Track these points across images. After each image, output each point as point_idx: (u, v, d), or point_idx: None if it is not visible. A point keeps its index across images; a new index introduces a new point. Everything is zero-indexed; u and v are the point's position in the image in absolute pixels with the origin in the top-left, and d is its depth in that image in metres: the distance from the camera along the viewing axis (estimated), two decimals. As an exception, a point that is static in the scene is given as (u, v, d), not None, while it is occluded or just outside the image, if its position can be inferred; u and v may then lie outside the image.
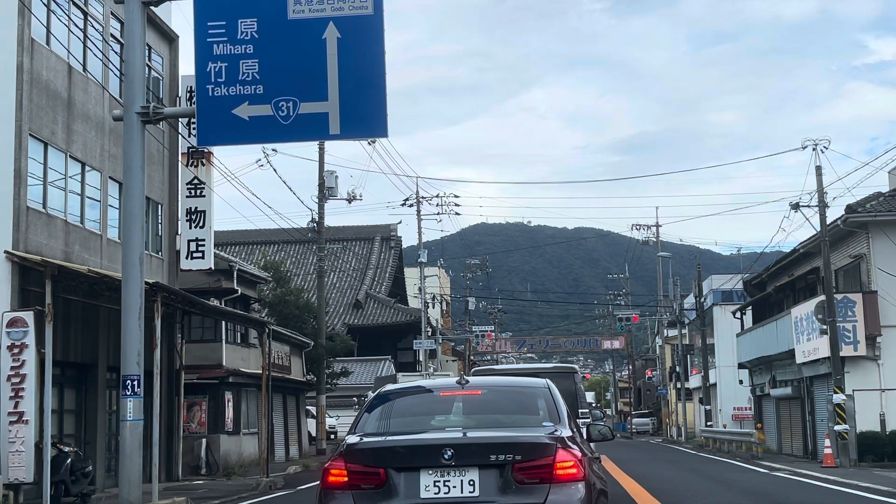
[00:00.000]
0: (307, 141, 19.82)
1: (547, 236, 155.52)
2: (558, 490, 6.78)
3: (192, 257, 24.64)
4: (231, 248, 50.98)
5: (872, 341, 28.98)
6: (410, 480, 6.87)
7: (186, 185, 25.03)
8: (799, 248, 34.38)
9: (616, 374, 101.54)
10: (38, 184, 19.15)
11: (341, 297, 52.99)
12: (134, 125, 12.85)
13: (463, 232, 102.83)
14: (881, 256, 29.08)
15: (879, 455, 27.03)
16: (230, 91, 12.58)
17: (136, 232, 12.88)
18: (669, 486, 20.32)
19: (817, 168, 29.60)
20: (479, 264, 74.14)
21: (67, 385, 20.69)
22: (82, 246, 20.80)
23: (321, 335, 36.54)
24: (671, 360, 64.36)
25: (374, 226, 58.91)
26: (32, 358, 16.81)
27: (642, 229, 63.47)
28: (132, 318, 12.40)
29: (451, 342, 69.87)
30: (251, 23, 12.65)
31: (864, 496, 18.21)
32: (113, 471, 21.03)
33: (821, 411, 31.60)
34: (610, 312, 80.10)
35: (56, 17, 19.87)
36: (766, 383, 39.74)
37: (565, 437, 7.10)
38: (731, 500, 17.67)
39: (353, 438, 7.39)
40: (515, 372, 21.83)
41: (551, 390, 8.11)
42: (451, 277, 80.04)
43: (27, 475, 16.60)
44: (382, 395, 8.33)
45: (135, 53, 13.11)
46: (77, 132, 20.69)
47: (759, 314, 41.59)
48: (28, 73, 18.70)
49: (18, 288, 18.04)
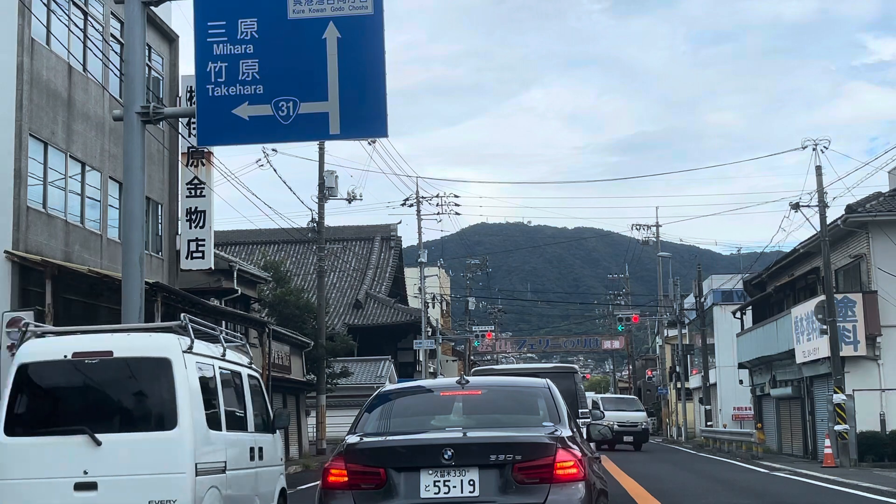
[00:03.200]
0: (307, 141, 19.82)
1: (547, 236, 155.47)
2: (558, 490, 6.79)
3: (192, 257, 24.65)
4: (231, 248, 50.94)
5: (872, 341, 28.98)
6: (410, 480, 6.88)
7: (186, 185, 25.03)
8: (799, 248, 34.38)
9: (616, 374, 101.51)
10: (38, 184, 19.16)
11: (341, 297, 52.98)
12: (134, 125, 12.85)
13: (463, 232, 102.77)
14: (881, 256, 29.07)
15: (879, 455, 27.02)
16: (230, 91, 12.57)
17: (136, 232, 12.88)
18: (669, 486, 20.32)
19: (817, 168, 29.61)
20: (479, 264, 74.13)
21: (67, 385, 20.67)
22: (82, 246, 20.80)
23: (321, 335, 36.52)
24: (671, 360, 64.35)
25: (374, 226, 58.88)
26: (32, 358, 16.77)
27: (642, 229, 63.44)
28: (132, 318, 12.39)
29: (451, 342, 69.86)
30: (251, 23, 12.65)
31: (864, 496, 18.21)
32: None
33: (821, 411, 31.60)
34: (610, 312, 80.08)
35: (56, 17, 19.87)
36: (766, 383, 39.74)
37: (565, 437, 7.11)
38: (731, 500, 17.67)
39: (353, 438, 7.39)
40: (515, 372, 21.79)
41: (551, 390, 8.12)
42: (451, 277, 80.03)
43: (27, 475, 16.56)
44: (382, 395, 8.33)
45: (135, 53, 13.11)
46: (77, 132, 20.70)
47: (759, 314, 41.59)
48: (28, 73, 18.71)
49: (18, 288, 18.05)
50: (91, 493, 8.70)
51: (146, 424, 9.02)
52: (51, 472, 8.81)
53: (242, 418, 10.67)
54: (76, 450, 8.80)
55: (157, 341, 9.37)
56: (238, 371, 10.89)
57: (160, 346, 9.24)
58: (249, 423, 10.82)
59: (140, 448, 8.84)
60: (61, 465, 8.81)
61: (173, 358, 9.08)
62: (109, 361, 9.11)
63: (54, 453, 8.87)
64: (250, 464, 10.45)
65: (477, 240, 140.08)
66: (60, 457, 8.84)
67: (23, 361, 9.24)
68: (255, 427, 10.95)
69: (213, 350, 10.33)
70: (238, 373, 10.88)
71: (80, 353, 9.16)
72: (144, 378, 9.16)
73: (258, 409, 11.28)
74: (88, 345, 9.33)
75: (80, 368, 9.20)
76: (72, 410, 9.31)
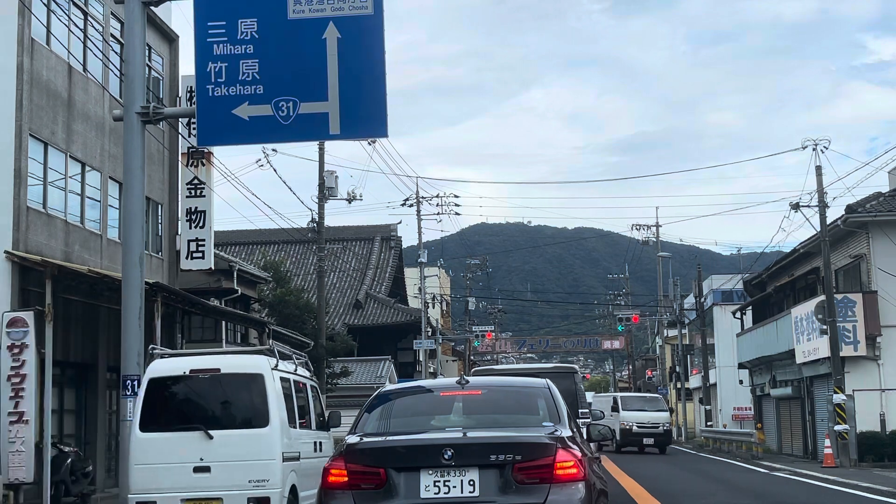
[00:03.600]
0: (307, 141, 19.84)
1: (547, 236, 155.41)
2: (558, 490, 6.79)
3: (192, 257, 24.63)
4: (231, 248, 50.92)
5: (872, 341, 28.99)
6: (410, 480, 6.88)
7: (186, 185, 25.01)
8: (799, 248, 34.39)
9: (616, 374, 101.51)
10: (38, 184, 19.16)
11: (341, 297, 52.96)
12: (134, 125, 12.85)
13: (463, 232, 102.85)
14: (881, 256, 29.08)
15: (879, 455, 27.03)
16: (230, 91, 12.58)
17: (136, 232, 12.88)
18: (669, 486, 20.33)
19: (817, 168, 29.62)
20: (479, 264, 74.12)
21: (67, 385, 20.69)
22: (82, 246, 20.80)
23: (321, 335, 36.51)
24: (671, 360, 64.36)
25: (374, 226, 58.85)
26: (32, 358, 16.80)
27: (642, 229, 63.45)
28: (132, 318, 12.40)
29: (451, 342, 69.86)
30: (251, 23, 12.65)
31: (864, 496, 18.22)
32: (113, 471, 21.01)
33: (821, 411, 31.61)
34: (610, 312, 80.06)
35: (56, 17, 19.86)
36: (766, 383, 39.74)
37: (565, 437, 7.11)
38: (730, 500, 17.67)
39: (353, 438, 7.40)
40: (515, 372, 21.81)
41: (551, 390, 8.12)
42: (451, 277, 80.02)
43: (27, 475, 16.59)
44: (382, 395, 8.33)
45: (135, 53, 13.11)
46: (77, 132, 20.70)
47: (759, 314, 41.60)
48: (28, 73, 18.70)
49: (18, 288, 18.04)
50: (206, 475, 11.62)
51: (245, 423, 11.90)
52: (175, 459, 11.68)
53: (308, 419, 13.57)
54: (194, 442, 11.72)
55: (253, 361, 12.39)
56: (304, 382, 13.86)
57: (255, 365, 12.22)
58: (312, 423, 13.74)
59: (241, 441, 11.66)
60: (183, 453, 11.68)
61: (265, 374, 12.03)
62: (218, 376, 12.16)
63: (177, 445, 11.75)
64: (314, 455, 13.10)
65: (477, 240, 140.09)
66: (182, 447, 11.72)
67: (152, 376, 12.11)
68: (316, 426, 13.86)
69: (289, 367, 13.21)
70: (304, 383, 13.83)
71: (195, 369, 12.22)
72: (244, 389, 12.10)
73: (318, 411, 14.28)
74: (201, 364, 12.39)
75: (195, 381, 12.26)
76: (190, 413, 12.24)
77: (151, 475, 11.65)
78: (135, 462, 11.74)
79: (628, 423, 39.52)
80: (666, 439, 40.13)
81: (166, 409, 12.23)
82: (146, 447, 11.71)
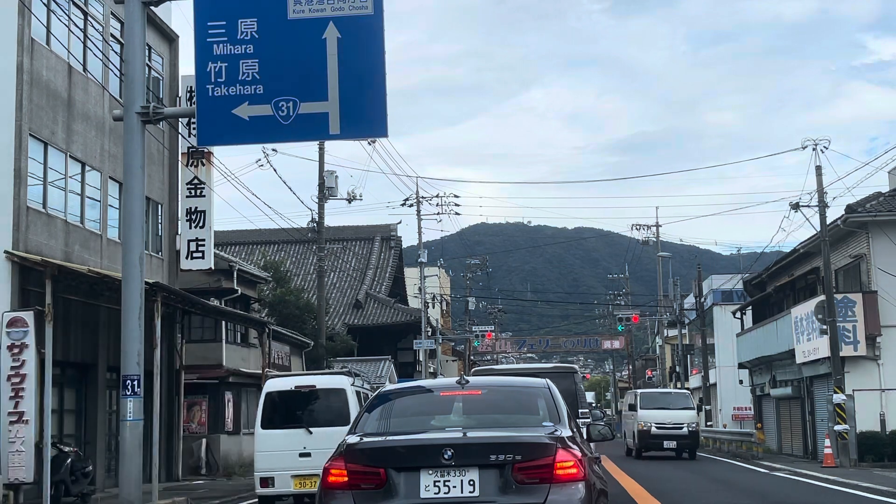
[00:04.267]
0: (307, 141, 19.81)
1: (547, 236, 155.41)
2: (558, 490, 6.78)
3: (192, 257, 24.64)
4: (231, 248, 50.90)
5: (872, 341, 28.98)
6: (410, 480, 6.87)
7: (186, 185, 25.03)
8: (799, 248, 34.37)
9: (616, 374, 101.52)
10: (38, 184, 19.15)
11: (341, 297, 52.93)
12: (134, 125, 12.84)
13: (463, 232, 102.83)
14: (881, 256, 29.07)
15: (879, 455, 27.03)
16: (230, 91, 12.56)
17: (136, 232, 12.87)
18: (669, 486, 20.33)
19: (817, 168, 29.61)
20: (479, 264, 74.10)
21: (67, 385, 20.69)
22: (82, 246, 20.80)
23: (321, 335, 36.53)
24: (671, 360, 64.35)
25: (374, 226, 58.81)
26: (32, 358, 16.81)
27: (642, 229, 63.45)
28: (132, 318, 12.38)
29: (451, 342, 69.83)
30: (251, 23, 12.63)
31: (864, 496, 18.22)
32: (113, 471, 21.03)
33: (821, 411, 31.60)
34: (610, 312, 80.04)
35: (56, 17, 19.86)
36: (766, 383, 39.73)
37: (565, 437, 7.10)
38: (730, 500, 17.67)
39: (353, 438, 7.39)
40: (515, 372, 21.80)
41: (551, 390, 8.11)
42: (451, 277, 79.98)
43: (27, 475, 16.60)
44: (382, 395, 8.33)
45: (135, 53, 13.10)
46: (77, 132, 20.69)
47: (759, 314, 41.59)
48: (28, 73, 18.70)
49: (18, 288, 18.04)
50: (307, 459, 16.01)
51: (333, 422, 16.02)
52: (286, 447, 16.34)
53: None
54: (299, 436, 16.43)
55: (338, 379, 17.37)
56: (367, 392, 17.85)
57: (340, 382, 17.21)
58: None
59: (331, 435, 14.17)
60: (291, 443, 16.35)
61: (346, 388, 16.97)
62: (315, 390, 17.25)
63: (288, 438, 16.46)
64: None
65: (477, 240, 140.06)
66: (291, 440, 16.40)
67: (268, 391, 17.14)
68: None
69: (359, 382, 18.06)
70: (367, 393, 17.62)
71: (299, 385, 17.28)
72: (332, 399, 16.99)
73: None
74: (302, 381, 17.49)
75: (299, 394, 17.14)
76: (295, 416, 16.92)
77: (270, 459, 16.43)
78: (258, 450, 16.79)
79: (647, 424, 34.10)
80: (692, 442, 34.30)
81: (278, 413, 16.95)
82: (266, 440, 16.70)
